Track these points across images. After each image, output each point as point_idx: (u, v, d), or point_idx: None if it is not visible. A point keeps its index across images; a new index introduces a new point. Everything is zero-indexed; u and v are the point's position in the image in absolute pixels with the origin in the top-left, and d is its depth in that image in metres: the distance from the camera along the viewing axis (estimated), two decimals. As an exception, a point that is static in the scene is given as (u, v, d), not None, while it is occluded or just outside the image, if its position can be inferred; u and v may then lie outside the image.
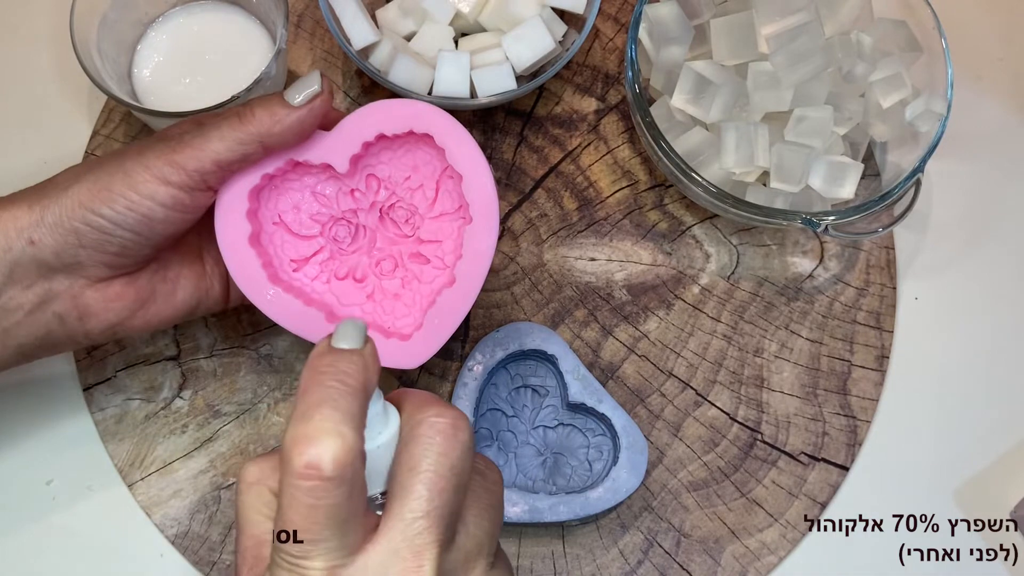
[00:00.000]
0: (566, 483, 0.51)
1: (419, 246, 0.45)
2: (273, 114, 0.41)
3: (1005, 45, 0.62)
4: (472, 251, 0.43)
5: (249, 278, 0.42)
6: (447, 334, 0.43)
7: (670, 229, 0.56)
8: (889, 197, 0.50)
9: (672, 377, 0.54)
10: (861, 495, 0.53)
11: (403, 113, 0.43)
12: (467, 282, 0.43)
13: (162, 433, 0.51)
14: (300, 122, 0.41)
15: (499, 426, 0.52)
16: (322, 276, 0.45)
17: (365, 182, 0.45)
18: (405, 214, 0.45)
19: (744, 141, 0.51)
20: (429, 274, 0.45)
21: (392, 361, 0.43)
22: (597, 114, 0.58)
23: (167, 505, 0.50)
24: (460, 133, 0.42)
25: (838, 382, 0.54)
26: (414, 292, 0.45)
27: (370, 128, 0.43)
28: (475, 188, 0.42)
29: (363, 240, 0.45)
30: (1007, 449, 0.54)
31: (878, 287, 0.56)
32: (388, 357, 0.43)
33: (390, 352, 0.43)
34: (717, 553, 0.51)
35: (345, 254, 0.45)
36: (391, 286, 0.45)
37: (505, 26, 0.54)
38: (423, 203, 0.45)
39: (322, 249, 0.45)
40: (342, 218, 0.45)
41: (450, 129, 0.42)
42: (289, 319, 0.42)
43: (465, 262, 0.43)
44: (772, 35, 0.51)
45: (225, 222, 0.42)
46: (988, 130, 0.60)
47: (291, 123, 0.41)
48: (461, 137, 0.42)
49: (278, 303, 0.42)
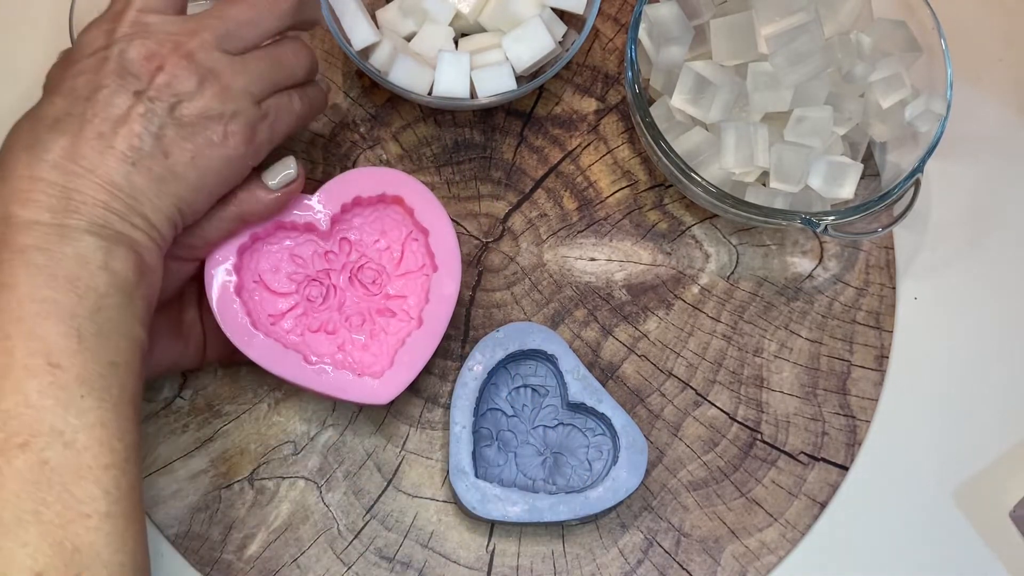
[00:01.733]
0: (566, 483, 0.51)
1: (386, 301, 0.50)
2: (254, 197, 0.45)
3: (1005, 45, 0.62)
4: (438, 296, 0.48)
5: (236, 326, 0.46)
6: (416, 370, 0.48)
7: (670, 229, 0.56)
8: (889, 197, 0.51)
9: (672, 377, 0.54)
10: (861, 495, 0.53)
11: (379, 179, 0.49)
12: (434, 323, 0.48)
13: (162, 433, 0.51)
14: (277, 203, 0.46)
15: (499, 426, 0.52)
16: (296, 329, 0.49)
17: (339, 245, 0.50)
18: (373, 274, 0.50)
19: (744, 141, 0.51)
20: (395, 326, 0.50)
21: (365, 398, 0.47)
22: (597, 114, 0.58)
23: (167, 505, 0.50)
24: (426, 193, 0.49)
25: (838, 382, 0.54)
26: (381, 343, 0.49)
27: (350, 190, 0.49)
28: (440, 240, 0.49)
29: (334, 299, 0.49)
30: (1006, 449, 0.54)
31: (878, 287, 0.56)
32: (362, 394, 0.47)
33: (364, 390, 0.47)
34: (717, 553, 0.51)
35: (318, 311, 0.49)
36: (359, 339, 0.49)
37: (505, 26, 0.54)
38: (390, 263, 0.50)
39: (297, 305, 0.49)
40: (315, 278, 0.49)
41: (418, 190, 0.49)
42: (272, 363, 0.46)
43: (432, 306, 0.48)
44: (772, 35, 0.51)
45: (215, 275, 0.46)
46: (988, 130, 0.60)
47: (269, 204, 0.45)
48: (426, 196, 0.49)
49: (260, 349, 0.46)
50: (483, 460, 0.51)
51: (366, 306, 0.50)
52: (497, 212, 0.56)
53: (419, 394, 0.53)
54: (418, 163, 0.56)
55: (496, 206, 0.56)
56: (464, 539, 0.51)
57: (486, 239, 0.55)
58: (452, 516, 0.51)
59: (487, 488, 0.49)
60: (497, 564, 0.51)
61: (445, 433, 0.52)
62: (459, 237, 0.55)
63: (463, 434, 0.50)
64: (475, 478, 0.49)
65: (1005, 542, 0.53)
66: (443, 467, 0.52)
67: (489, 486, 0.49)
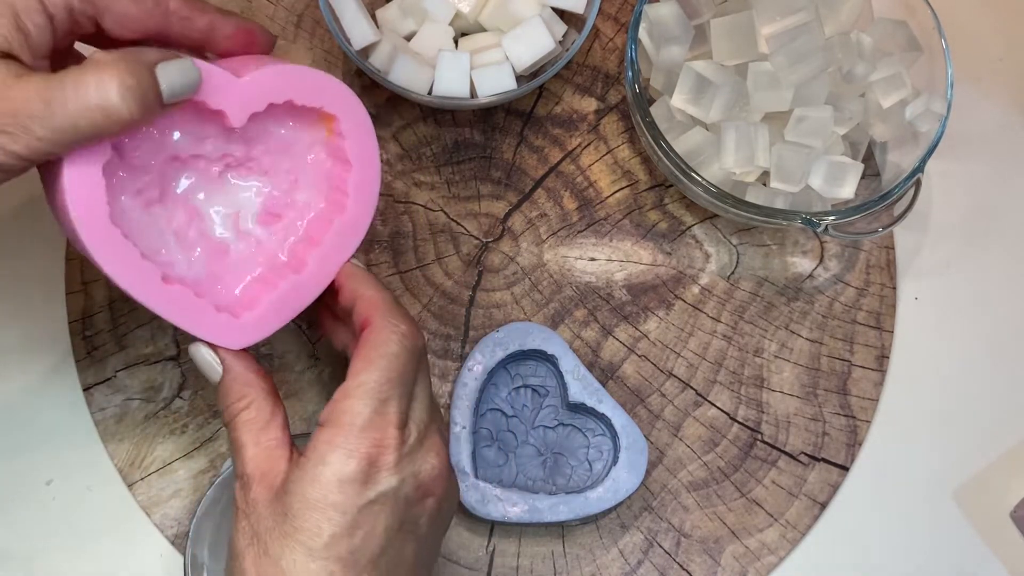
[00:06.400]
0: (566, 483, 0.51)
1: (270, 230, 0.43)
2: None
3: (1005, 45, 0.62)
4: (335, 244, 0.41)
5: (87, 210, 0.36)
6: (280, 324, 0.41)
7: (670, 229, 0.56)
8: (889, 197, 0.51)
9: (672, 377, 0.54)
10: (861, 495, 0.53)
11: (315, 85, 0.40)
12: (317, 275, 0.41)
13: (162, 433, 0.51)
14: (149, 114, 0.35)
15: (499, 426, 0.52)
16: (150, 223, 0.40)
17: (228, 135, 0.41)
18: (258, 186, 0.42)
19: (744, 141, 0.51)
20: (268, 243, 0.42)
21: (219, 339, 0.40)
22: (597, 114, 0.58)
23: (167, 505, 0.50)
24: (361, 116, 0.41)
25: (838, 382, 0.54)
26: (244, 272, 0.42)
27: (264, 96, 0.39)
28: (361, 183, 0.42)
29: (204, 198, 0.41)
30: (1006, 449, 0.54)
31: (878, 287, 0.56)
32: (217, 335, 0.40)
33: (220, 329, 0.40)
34: (717, 553, 0.51)
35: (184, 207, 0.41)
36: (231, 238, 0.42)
37: (505, 26, 0.54)
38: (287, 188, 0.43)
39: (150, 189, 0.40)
40: (184, 163, 0.41)
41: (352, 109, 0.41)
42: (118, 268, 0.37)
43: (323, 253, 0.41)
44: (772, 35, 0.51)
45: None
46: (988, 130, 0.60)
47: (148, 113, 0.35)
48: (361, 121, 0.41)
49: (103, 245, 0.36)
50: (483, 460, 0.51)
51: (233, 217, 0.42)
52: (497, 212, 0.56)
53: (419, 394, 0.53)
54: (418, 163, 0.56)
55: (496, 206, 0.56)
56: (464, 539, 0.51)
57: (486, 239, 0.55)
58: (452, 516, 0.51)
59: (487, 488, 0.49)
60: (497, 564, 0.51)
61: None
62: (459, 237, 0.55)
63: (463, 434, 0.50)
64: (475, 478, 0.49)
65: (1005, 542, 0.53)
66: (443, 467, 0.52)
67: (489, 486, 0.49)
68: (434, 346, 0.53)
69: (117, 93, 0.33)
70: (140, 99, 0.34)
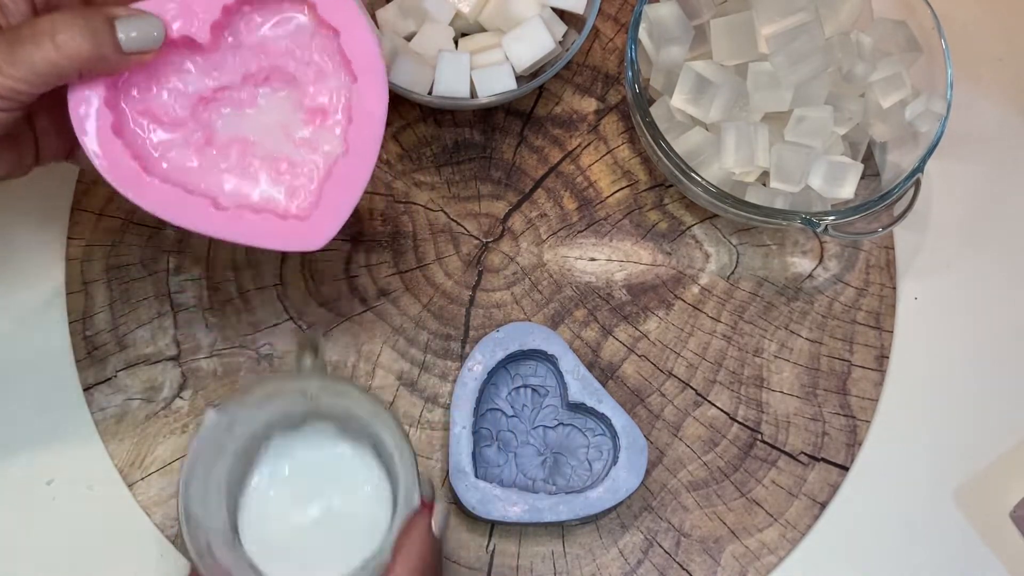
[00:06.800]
0: (566, 483, 0.51)
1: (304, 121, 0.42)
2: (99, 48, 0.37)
3: (1005, 45, 0.62)
4: (363, 113, 0.40)
5: (123, 173, 0.38)
6: (348, 208, 0.40)
7: (670, 229, 0.56)
8: (889, 197, 0.51)
9: (672, 377, 0.54)
10: (861, 495, 0.53)
11: None
12: (362, 147, 0.40)
13: (162, 433, 0.51)
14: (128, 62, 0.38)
15: (499, 426, 0.52)
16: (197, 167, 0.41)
17: (231, 56, 0.41)
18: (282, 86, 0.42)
19: (744, 141, 0.51)
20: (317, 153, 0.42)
21: (293, 245, 0.40)
22: (597, 114, 0.58)
23: (167, 505, 0.50)
24: None
25: (838, 382, 0.54)
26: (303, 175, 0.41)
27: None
28: (355, 43, 0.40)
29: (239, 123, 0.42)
30: (1006, 449, 0.54)
31: (878, 287, 0.56)
32: (287, 241, 0.40)
33: (290, 235, 0.40)
34: (717, 553, 0.51)
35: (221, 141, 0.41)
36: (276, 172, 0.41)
37: (505, 26, 0.54)
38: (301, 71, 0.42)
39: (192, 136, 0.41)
40: (211, 99, 0.41)
41: None
42: (174, 212, 0.39)
43: (356, 127, 0.40)
44: (772, 35, 0.51)
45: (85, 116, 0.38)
46: (988, 130, 0.60)
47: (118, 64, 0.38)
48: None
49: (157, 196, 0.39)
50: (483, 460, 0.51)
51: (280, 130, 0.42)
52: (497, 212, 0.56)
53: (419, 394, 0.53)
54: (418, 163, 0.56)
55: (496, 206, 0.56)
56: (464, 539, 0.51)
57: (486, 239, 0.55)
58: (452, 516, 0.51)
59: (487, 488, 0.49)
60: (497, 564, 0.51)
61: (445, 433, 0.52)
62: (459, 237, 0.55)
63: (463, 434, 0.50)
64: (475, 478, 0.49)
65: (1005, 542, 0.53)
66: (443, 467, 0.52)
67: (489, 486, 0.49)
68: (434, 346, 0.53)
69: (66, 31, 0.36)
70: (90, 35, 0.37)
